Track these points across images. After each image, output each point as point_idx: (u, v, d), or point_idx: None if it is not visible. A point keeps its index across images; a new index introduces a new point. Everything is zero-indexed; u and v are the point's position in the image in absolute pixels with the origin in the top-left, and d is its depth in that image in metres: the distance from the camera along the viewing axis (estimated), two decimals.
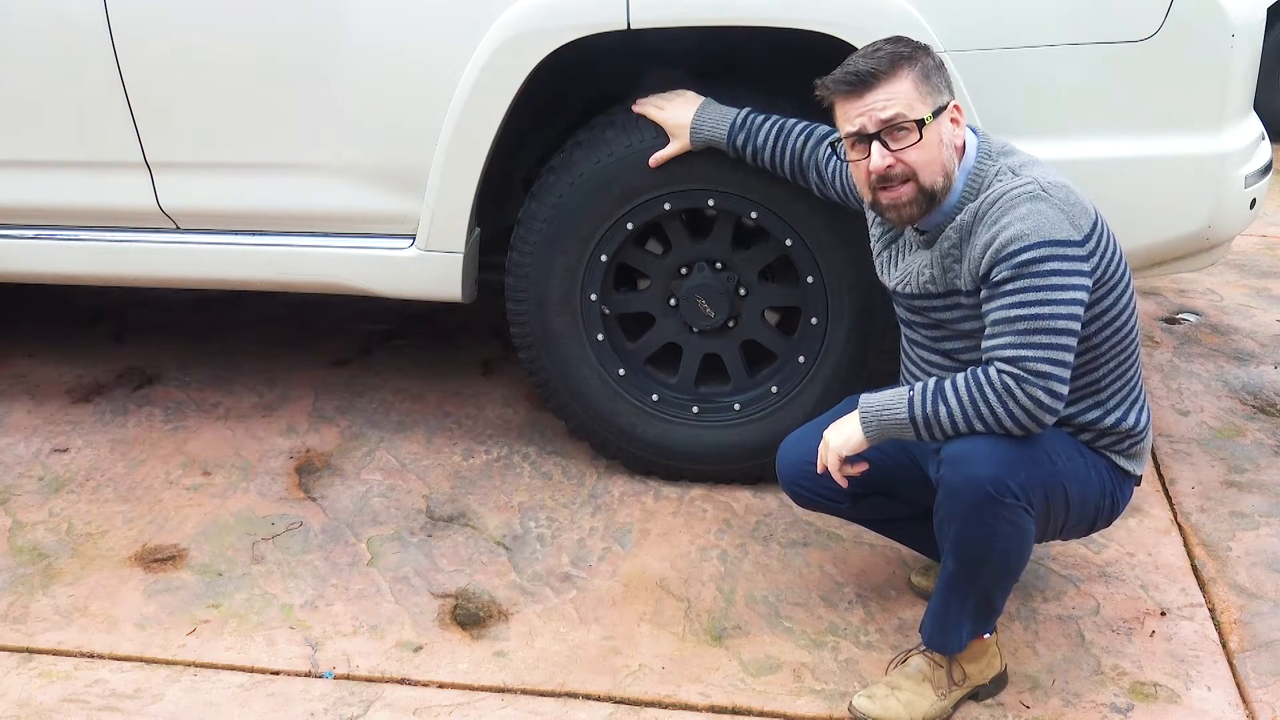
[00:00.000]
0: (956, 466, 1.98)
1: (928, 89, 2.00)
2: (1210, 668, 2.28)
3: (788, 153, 2.44)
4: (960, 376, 1.98)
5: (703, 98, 2.53)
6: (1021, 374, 1.92)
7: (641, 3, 2.41)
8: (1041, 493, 2.01)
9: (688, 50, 2.60)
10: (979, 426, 1.96)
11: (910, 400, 2.00)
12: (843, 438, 2.08)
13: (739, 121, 2.48)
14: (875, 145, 2.01)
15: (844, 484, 2.12)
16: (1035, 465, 1.99)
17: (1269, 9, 3.73)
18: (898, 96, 1.99)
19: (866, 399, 2.07)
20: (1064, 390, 1.95)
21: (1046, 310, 1.92)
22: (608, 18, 2.43)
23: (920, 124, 1.98)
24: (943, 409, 1.97)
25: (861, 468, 2.12)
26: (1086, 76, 2.38)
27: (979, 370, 1.97)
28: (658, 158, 2.55)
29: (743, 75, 2.73)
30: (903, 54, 2.01)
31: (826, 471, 2.24)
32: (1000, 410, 1.94)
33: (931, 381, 2.02)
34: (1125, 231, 2.42)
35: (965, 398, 1.96)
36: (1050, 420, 1.96)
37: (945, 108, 2.03)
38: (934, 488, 2.06)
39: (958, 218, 2.04)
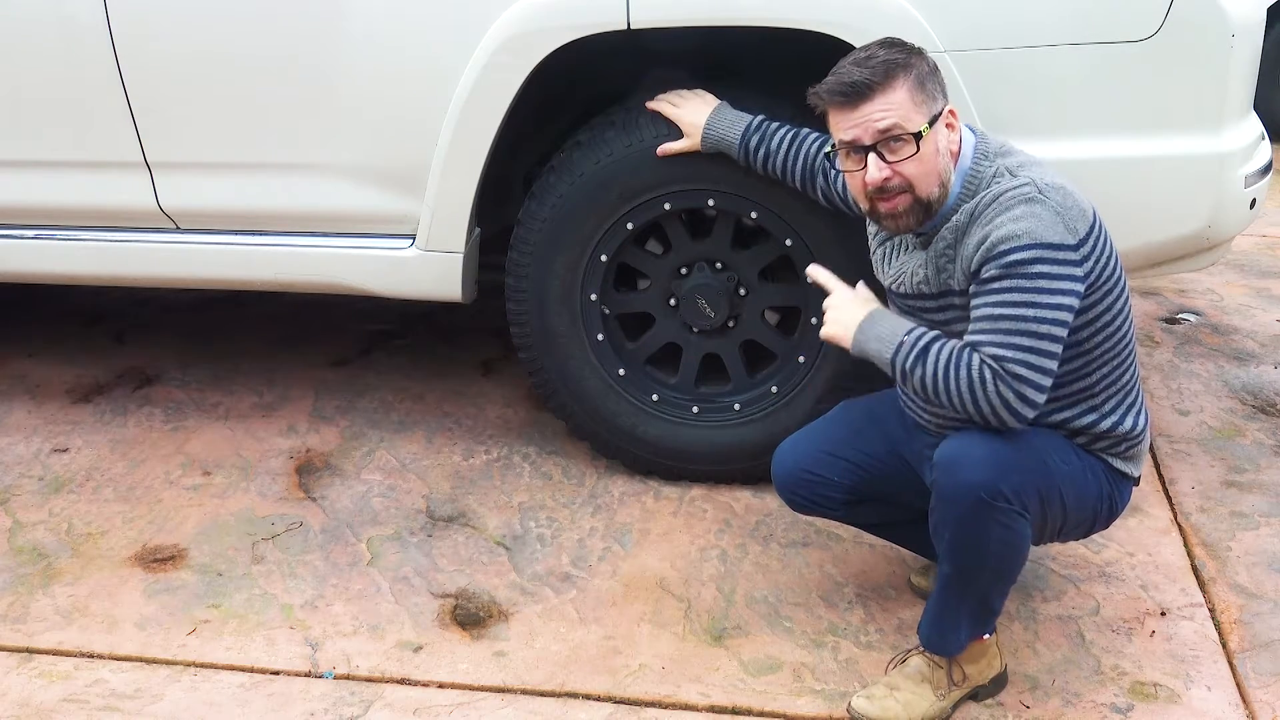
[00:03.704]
0: (950, 471, 1.98)
1: (923, 97, 1.97)
2: (1210, 668, 2.28)
3: (800, 158, 2.43)
4: (948, 346, 1.97)
5: (719, 100, 2.53)
6: (1000, 371, 1.91)
7: (641, 3, 2.41)
8: (1036, 496, 2.00)
9: (688, 50, 2.60)
10: (945, 401, 1.97)
11: (899, 345, 2.01)
12: (840, 326, 2.11)
13: (753, 125, 2.47)
14: (872, 157, 1.98)
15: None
16: (1030, 469, 1.98)
17: (1269, 9, 3.72)
18: (894, 107, 1.95)
19: (873, 319, 2.08)
20: (1038, 397, 1.93)
21: (1030, 313, 1.90)
22: (608, 18, 2.43)
23: (917, 136, 1.96)
24: (919, 369, 1.98)
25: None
26: (1086, 76, 2.38)
27: (966, 350, 1.95)
28: (666, 149, 2.55)
29: (743, 76, 2.73)
30: (897, 61, 1.97)
31: (822, 478, 2.25)
32: (967, 396, 1.94)
33: (928, 335, 2.01)
34: (1125, 231, 2.42)
35: (941, 370, 1.96)
36: (1015, 424, 1.95)
37: (940, 114, 2.00)
38: (928, 491, 2.06)
39: (954, 219, 2.03)
